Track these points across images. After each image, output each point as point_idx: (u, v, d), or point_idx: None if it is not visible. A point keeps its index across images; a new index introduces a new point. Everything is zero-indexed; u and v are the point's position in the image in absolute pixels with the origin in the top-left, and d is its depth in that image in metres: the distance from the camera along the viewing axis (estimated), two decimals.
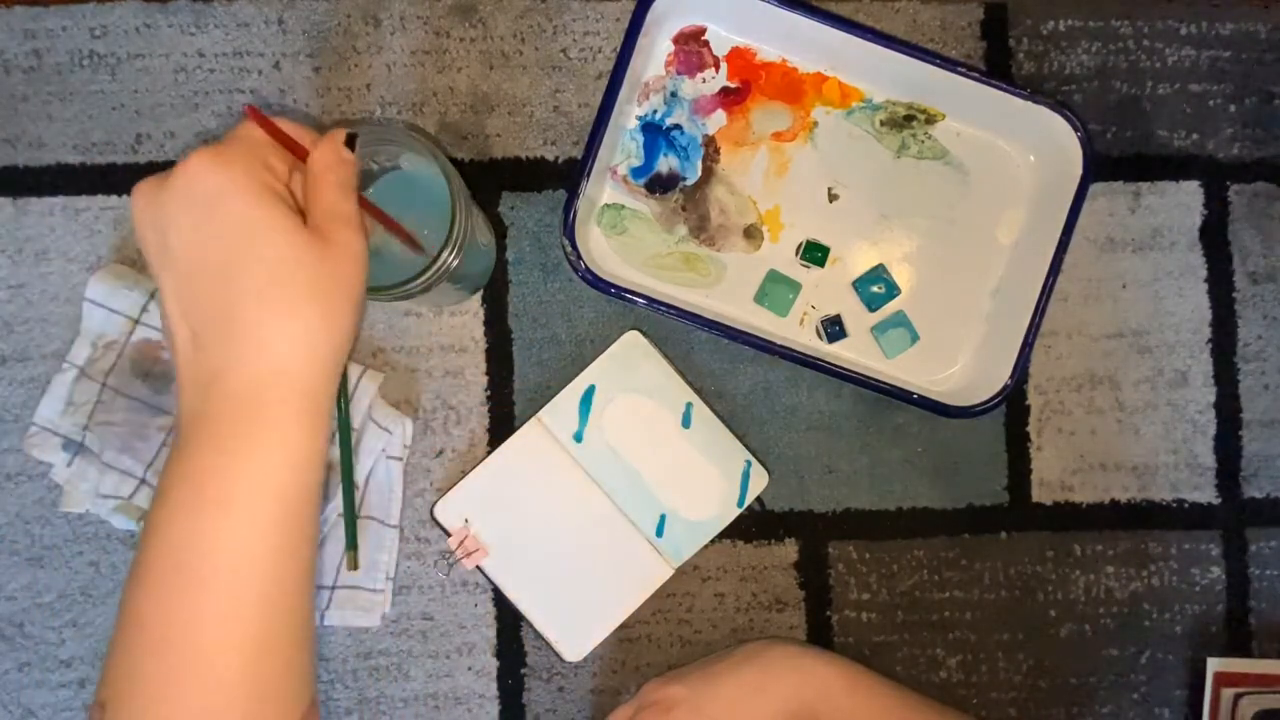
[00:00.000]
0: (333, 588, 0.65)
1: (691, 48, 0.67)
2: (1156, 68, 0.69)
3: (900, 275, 0.67)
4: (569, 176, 0.68)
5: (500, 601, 0.67)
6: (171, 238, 0.39)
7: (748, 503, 0.67)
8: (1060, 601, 0.68)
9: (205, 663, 0.38)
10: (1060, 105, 0.64)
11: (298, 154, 0.43)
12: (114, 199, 0.67)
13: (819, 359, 0.64)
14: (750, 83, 0.67)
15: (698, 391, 0.67)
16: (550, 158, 0.68)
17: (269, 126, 0.42)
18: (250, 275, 0.38)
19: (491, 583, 0.67)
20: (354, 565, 0.65)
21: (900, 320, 0.67)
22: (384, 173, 0.59)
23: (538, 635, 0.66)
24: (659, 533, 0.66)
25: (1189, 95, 0.69)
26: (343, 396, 0.65)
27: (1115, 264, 0.69)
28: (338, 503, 0.65)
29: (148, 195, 0.40)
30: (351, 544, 0.65)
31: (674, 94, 0.67)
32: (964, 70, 0.64)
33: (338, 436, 0.65)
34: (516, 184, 0.68)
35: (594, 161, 0.62)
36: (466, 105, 0.68)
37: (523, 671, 0.67)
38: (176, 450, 0.39)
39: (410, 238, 0.51)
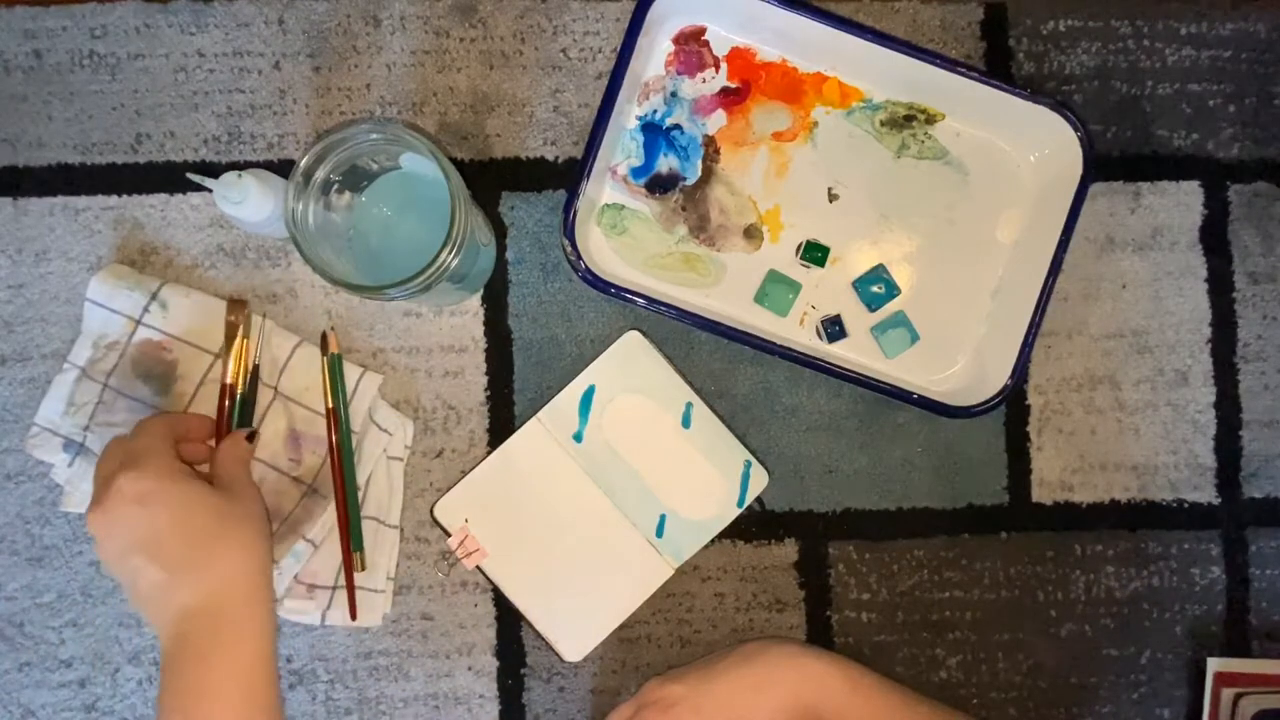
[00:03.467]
0: (333, 588, 0.65)
1: (691, 48, 0.67)
2: (1156, 68, 0.69)
3: (900, 275, 0.67)
4: (569, 176, 0.68)
5: (500, 601, 0.67)
6: (130, 534, 0.54)
7: (748, 503, 0.67)
8: (1060, 601, 0.68)
9: None
10: (1060, 105, 0.64)
11: (212, 437, 0.62)
12: (114, 199, 0.67)
13: (819, 359, 0.64)
14: (750, 83, 0.67)
15: (698, 391, 0.67)
16: (550, 158, 0.68)
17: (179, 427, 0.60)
18: (192, 527, 0.55)
19: (491, 583, 0.67)
20: (363, 566, 0.65)
21: (900, 320, 0.67)
22: (384, 173, 0.59)
23: (538, 635, 0.66)
24: (659, 533, 0.66)
25: (1189, 95, 0.69)
26: (341, 399, 0.65)
27: (1115, 264, 0.69)
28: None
29: (100, 521, 0.55)
30: (358, 545, 0.64)
31: (674, 94, 0.67)
32: (964, 70, 0.64)
33: (337, 438, 0.65)
34: (516, 184, 0.68)
35: (594, 161, 0.62)
36: (466, 105, 0.68)
37: (523, 671, 0.67)
38: (168, 667, 0.54)
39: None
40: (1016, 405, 0.69)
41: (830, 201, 0.67)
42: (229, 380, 0.64)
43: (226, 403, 0.63)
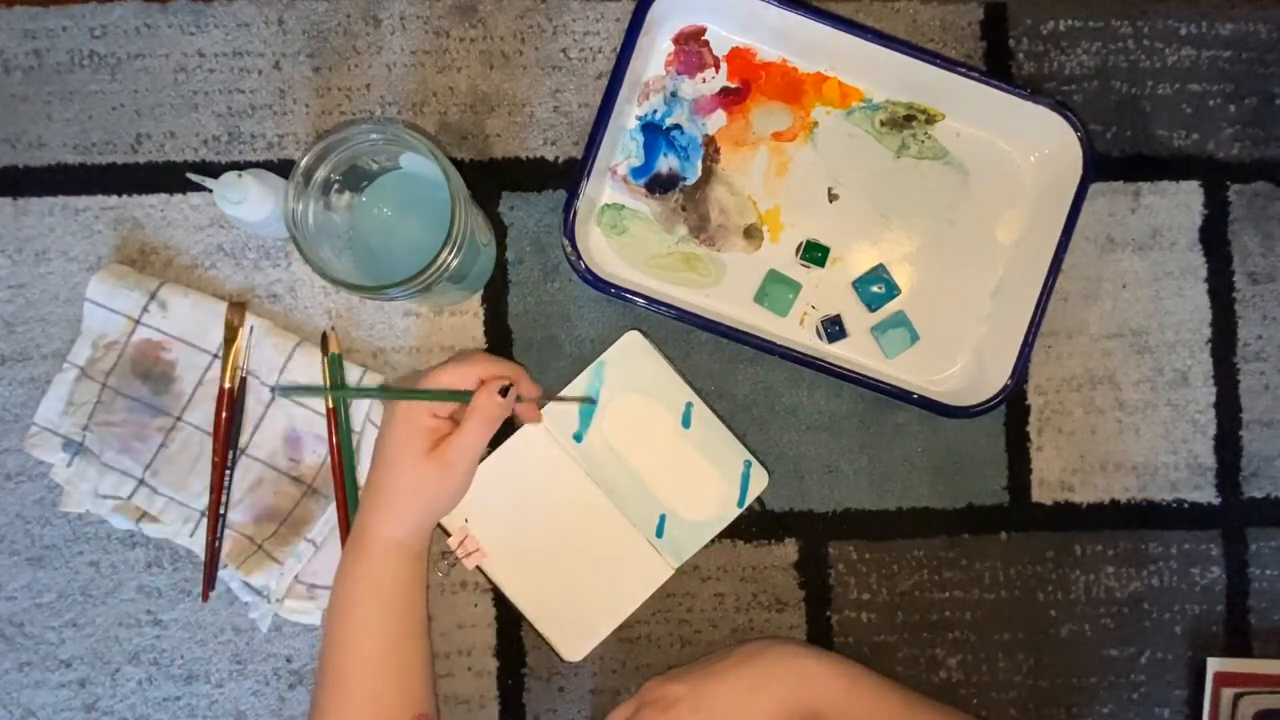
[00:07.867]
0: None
1: (691, 48, 0.67)
2: (1156, 68, 0.69)
3: (900, 275, 0.67)
4: (569, 176, 0.68)
5: (500, 601, 0.67)
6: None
7: (748, 503, 0.67)
8: (1060, 601, 0.68)
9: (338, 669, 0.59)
10: (1060, 105, 0.64)
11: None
12: (114, 199, 0.67)
13: (819, 359, 0.64)
14: (750, 83, 0.67)
15: (698, 391, 0.67)
16: (550, 158, 0.68)
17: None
18: (396, 485, 0.59)
19: (491, 583, 0.67)
20: None
21: (900, 320, 0.67)
22: (384, 173, 0.59)
23: (538, 635, 0.66)
24: (659, 533, 0.66)
25: (1189, 95, 0.69)
26: (341, 400, 0.65)
27: (1115, 264, 0.69)
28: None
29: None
30: None
31: (674, 94, 0.67)
32: (964, 70, 0.64)
33: (337, 439, 0.65)
34: (516, 184, 0.68)
35: (594, 161, 0.62)
36: (466, 105, 0.68)
37: (523, 671, 0.67)
38: (347, 557, 0.61)
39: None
40: (1016, 405, 0.68)
41: (830, 201, 0.67)
42: (227, 384, 0.64)
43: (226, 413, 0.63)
